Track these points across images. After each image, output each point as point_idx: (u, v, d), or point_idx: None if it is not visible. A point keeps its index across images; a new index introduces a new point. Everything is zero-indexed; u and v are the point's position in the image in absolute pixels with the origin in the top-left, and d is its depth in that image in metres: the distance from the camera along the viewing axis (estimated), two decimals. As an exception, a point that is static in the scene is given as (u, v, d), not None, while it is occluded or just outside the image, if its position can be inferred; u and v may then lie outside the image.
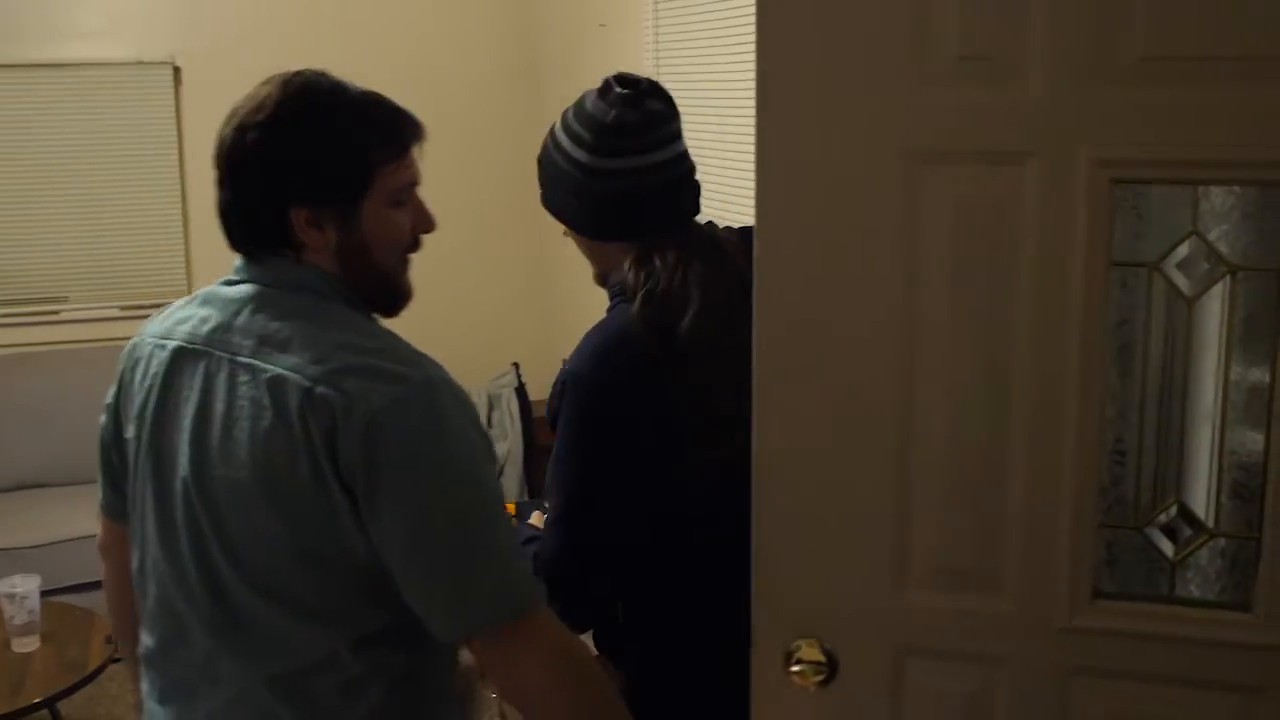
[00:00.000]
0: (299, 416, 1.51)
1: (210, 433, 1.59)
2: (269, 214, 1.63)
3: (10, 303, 5.23)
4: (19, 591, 3.53)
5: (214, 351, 1.62)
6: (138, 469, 1.70)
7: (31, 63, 5.08)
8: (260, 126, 1.61)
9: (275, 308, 1.62)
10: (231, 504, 1.58)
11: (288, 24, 5.36)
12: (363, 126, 1.67)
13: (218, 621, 1.62)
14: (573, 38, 5.05)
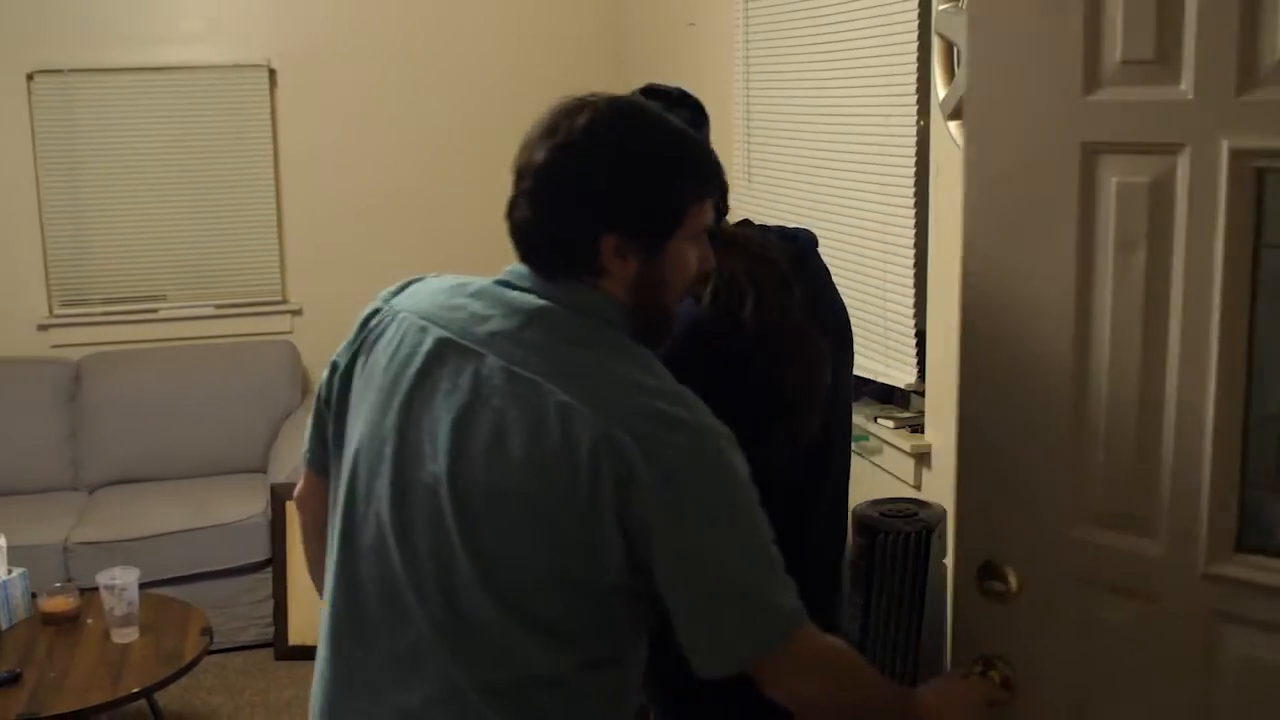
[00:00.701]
0: (591, 455, 1.51)
1: (476, 437, 1.57)
2: (579, 238, 1.61)
3: (111, 301, 5.34)
4: (118, 583, 3.59)
5: (491, 356, 1.60)
6: (367, 441, 1.67)
7: (132, 66, 5.19)
8: (587, 150, 1.61)
9: (568, 330, 1.61)
10: (489, 513, 1.57)
11: (380, 27, 5.42)
12: (683, 161, 1.65)
13: (442, 620, 1.60)
14: (662, 37, 5.04)
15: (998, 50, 1.83)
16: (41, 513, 4.65)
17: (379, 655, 1.66)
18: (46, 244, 5.25)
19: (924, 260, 3.06)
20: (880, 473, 3.26)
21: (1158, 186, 1.70)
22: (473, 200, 5.61)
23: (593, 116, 1.63)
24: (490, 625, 1.59)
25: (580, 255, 1.61)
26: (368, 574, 1.67)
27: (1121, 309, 1.75)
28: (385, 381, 1.67)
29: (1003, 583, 1.90)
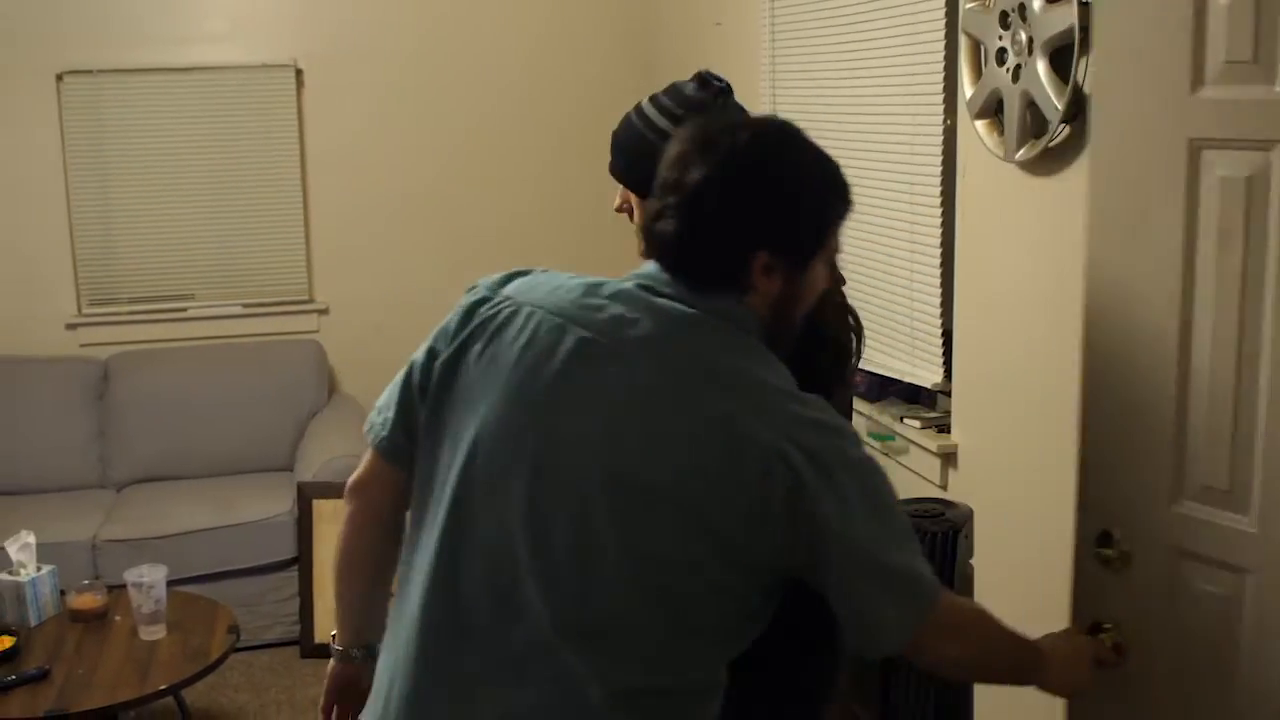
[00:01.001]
0: (760, 463, 1.54)
1: (632, 438, 1.58)
2: (732, 254, 1.65)
3: (139, 300, 5.37)
4: (146, 581, 3.61)
5: (644, 359, 1.61)
6: (492, 436, 1.65)
7: (159, 67, 5.22)
8: (749, 170, 1.64)
9: (721, 340, 1.64)
10: (647, 514, 1.58)
11: (406, 26, 5.43)
12: (834, 183, 1.72)
13: (572, 621, 1.60)
14: (689, 37, 5.04)
15: (1118, 47, 1.95)
16: (70, 510, 4.68)
17: (480, 654, 1.64)
18: (75, 244, 5.28)
19: (950, 260, 3.04)
20: (906, 473, 3.25)
21: (1254, 181, 1.79)
22: (498, 198, 5.63)
23: (753, 136, 1.68)
24: (630, 627, 1.59)
25: (731, 271, 1.65)
26: (477, 570, 1.65)
27: (1222, 297, 1.85)
28: (516, 377, 1.65)
29: (1115, 552, 2.01)
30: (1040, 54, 2.45)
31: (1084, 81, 2.37)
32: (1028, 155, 2.55)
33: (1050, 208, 2.57)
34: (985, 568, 2.42)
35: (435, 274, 5.48)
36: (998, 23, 2.59)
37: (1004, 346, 2.79)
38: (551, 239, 5.69)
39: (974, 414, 2.98)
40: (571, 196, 5.67)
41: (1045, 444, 2.64)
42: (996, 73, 2.61)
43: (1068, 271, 2.52)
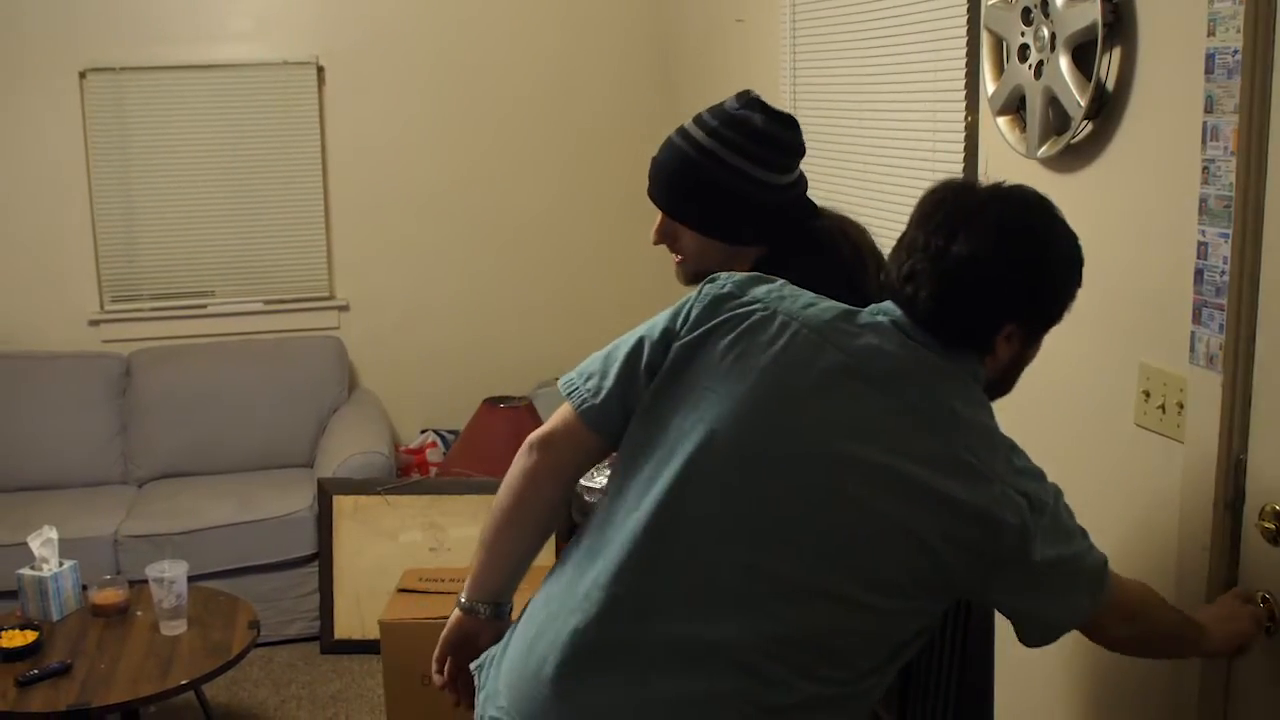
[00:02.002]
0: (991, 506, 1.66)
1: (873, 464, 1.66)
2: (985, 324, 1.76)
3: (161, 296, 5.39)
4: (167, 576, 3.62)
5: (895, 391, 1.70)
6: (732, 433, 1.70)
7: (182, 64, 5.24)
8: (1011, 246, 1.74)
9: (967, 394, 1.74)
10: (873, 535, 1.66)
11: (427, 24, 5.44)
12: (1078, 257, 1.86)
13: (770, 629, 1.66)
14: (710, 34, 5.03)
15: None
16: (92, 506, 4.70)
17: (661, 640, 1.67)
18: (98, 240, 5.30)
19: (972, 257, 3.03)
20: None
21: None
22: (518, 195, 5.63)
23: (1017, 209, 1.78)
24: (825, 643, 1.67)
25: (979, 338, 1.76)
26: (682, 560, 1.68)
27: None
28: (769, 380, 1.71)
29: (1276, 525, 2.02)
30: (1063, 50, 2.43)
31: (1107, 78, 2.36)
32: (1050, 152, 2.54)
33: (1072, 205, 2.55)
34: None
35: (456, 270, 5.49)
36: (1020, 19, 2.58)
37: (1025, 344, 2.78)
38: (571, 235, 5.70)
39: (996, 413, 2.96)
40: (591, 193, 5.67)
41: (1065, 440, 2.63)
42: (1019, 69, 2.60)
43: (1088, 268, 2.50)
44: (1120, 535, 2.45)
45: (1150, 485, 2.34)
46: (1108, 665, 2.53)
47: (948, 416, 1.69)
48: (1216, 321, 2.07)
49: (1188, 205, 2.14)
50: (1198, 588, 2.16)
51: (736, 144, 2.11)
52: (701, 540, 1.68)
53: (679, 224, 2.21)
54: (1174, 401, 2.22)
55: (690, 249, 2.22)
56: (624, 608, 1.69)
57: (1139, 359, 2.34)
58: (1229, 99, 2.02)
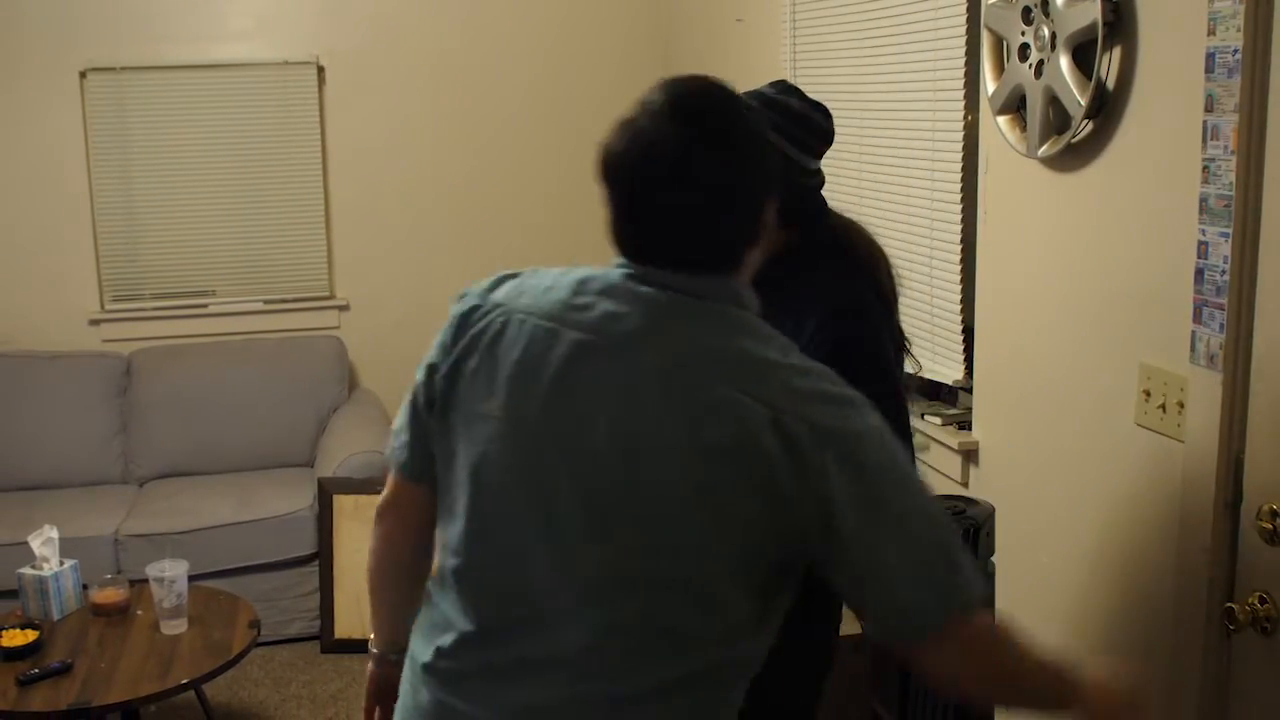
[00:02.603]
0: (764, 442, 1.51)
1: (636, 433, 1.56)
2: (752, 207, 1.64)
3: (161, 296, 5.40)
4: (168, 575, 3.62)
5: (638, 353, 1.59)
6: (498, 449, 1.65)
7: (182, 64, 5.24)
8: (764, 114, 1.74)
9: (715, 321, 1.61)
10: (659, 508, 1.56)
11: (428, 23, 5.44)
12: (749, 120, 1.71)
13: (596, 622, 1.61)
14: (709, 33, 5.03)
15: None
16: (92, 505, 4.70)
17: (510, 658, 1.66)
18: (98, 240, 5.31)
19: (971, 256, 3.03)
20: (927, 470, 3.24)
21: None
22: (519, 195, 5.63)
23: (659, 117, 1.70)
24: (655, 614, 1.59)
25: (740, 235, 1.64)
26: (495, 582, 1.67)
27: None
28: (515, 388, 1.64)
29: (1275, 526, 2.01)
30: (1063, 49, 2.43)
31: (1107, 77, 2.36)
32: (1050, 151, 2.54)
33: (1072, 204, 2.56)
34: (1006, 565, 2.42)
35: (456, 269, 5.49)
36: (1020, 18, 2.58)
37: (1025, 343, 2.78)
38: (571, 235, 5.69)
39: (995, 411, 2.97)
40: (592, 194, 5.64)
41: (1066, 440, 2.63)
42: (1019, 68, 2.60)
43: (1089, 268, 2.51)
44: (1120, 535, 2.46)
45: (1150, 485, 2.34)
46: (1105, 651, 2.53)
47: (702, 357, 1.57)
48: (1217, 321, 2.07)
49: (1188, 204, 2.14)
50: (1197, 587, 2.17)
51: (773, 121, 2.12)
52: (513, 569, 1.64)
53: None
54: (1174, 401, 2.23)
55: None
56: (469, 643, 1.69)
57: (1139, 358, 2.34)
58: (1229, 98, 2.02)
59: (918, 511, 1.58)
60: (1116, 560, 2.48)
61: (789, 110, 2.14)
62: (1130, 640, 2.45)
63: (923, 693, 2.21)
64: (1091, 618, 2.58)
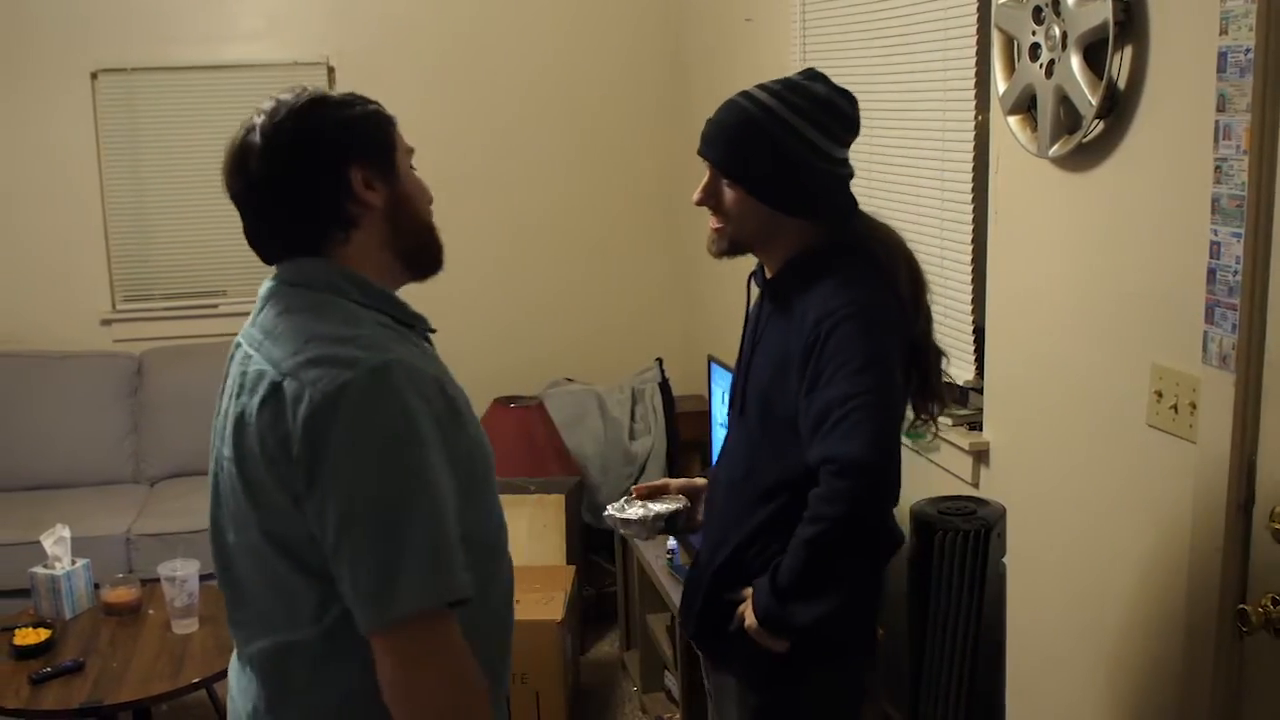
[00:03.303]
0: (260, 406, 1.59)
1: (227, 419, 1.69)
2: (330, 186, 1.74)
3: (172, 296, 5.41)
4: (179, 575, 3.63)
5: (241, 345, 1.74)
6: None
7: (193, 65, 5.25)
8: (293, 116, 1.83)
9: (285, 303, 1.72)
10: (225, 483, 1.70)
11: (437, 24, 5.44)
12: (363, 99, 1.92)
13: (226, 589, 1.80)
14: (718, 32, 5.03)
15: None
16: (104, 505, 4.71)
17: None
18: (110, 240, 5.32)
19: (982, 256, 3.03)
20: (937, 470, 3.24)
21: None
22: (528, 195, 5.64)
23: (271, 107, 1.87)
24: (250, 591, 1.75)
25: (331, 208, 1.73)
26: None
27: None
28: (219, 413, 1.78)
29: None
30: (1074, 49, 2.43)
31: (1118, 77, 2.36)
32: (1061, 151, 2.53)
33: (1083, 204, 2.55)
34: (1018, 567, 2.42)
35: (465, 269, 5.49)
36: (1031, 18, 2.58)
37: (1036, 343, 2.77)
38: (581, 234, 5.70)
39: (1006, 411, 2.96)
40: (601, 192, 5.68)
41: (1077, 441, 2.63)
42: (1029, 68, 2.60)
43: (1100, 268, 2.50)
44: (1132, 537, 2.45)
45: (1162, 486, 2.33)
46: (1119, 668, 2.53)
47: (259, 338, 1.69)
48: (1229, 321, 2.07)
49: (1200, 204, 2.13)
50: (1210, 589, 2.16)
51: (798, 105, 2.12)
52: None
53: (727, 182, 2.18)
54: (1186, 402, 2.22)
55: (733, 211, 2.18)
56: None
57: (1151, 359, 2.33)
58: (1241, 97, 2.01)
59: (383, 494, 1.54)
60: (1128, 562, 2.47)
61: (815, 95, 2.14)
62: (1142, 642, 2.44)
63: (932, 693, 2.21)
64: (1103, 620, 2.57)
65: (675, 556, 3.87)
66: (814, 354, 2.03)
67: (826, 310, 2.04)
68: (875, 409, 1.96)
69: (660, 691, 4.21)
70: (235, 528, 1.70)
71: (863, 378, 1.97)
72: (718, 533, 2.27)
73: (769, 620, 2.08)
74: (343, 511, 1.53)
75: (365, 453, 1.54)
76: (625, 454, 5.02)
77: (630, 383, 5.29)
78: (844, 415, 1.96)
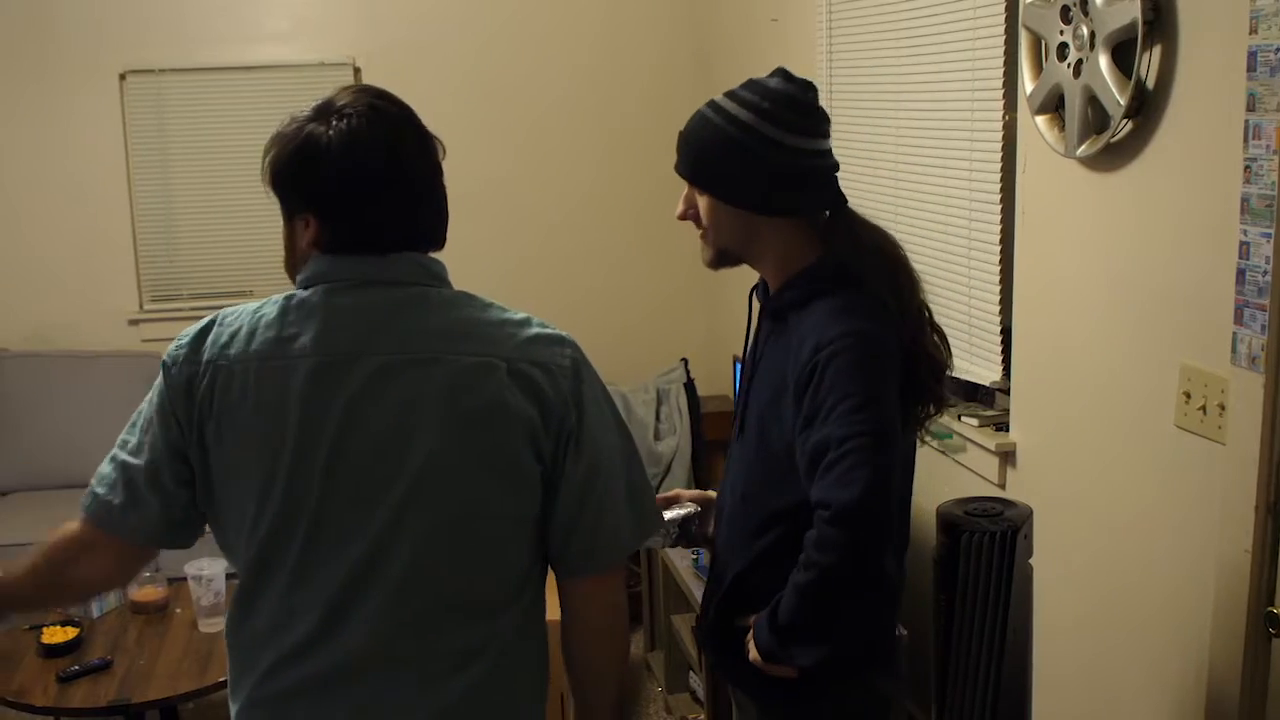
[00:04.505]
0: (505, 392, 1.70)
1: (383, 432, 1.72)
2: (441, 204, 1.90)
3: (200, 296, 5.43)
4: (205, 574, 3.64)
5: (371, 356, 1.74)
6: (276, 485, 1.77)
7: (221, 66, 5.28)
8: (414, 133, 1.92)
9: (441, 300, 1.83)
10: (433, 485, 1.71)
11: (464, 24, 5.45)
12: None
13: (380, 608, 1.71)
14: (744, 33, 5.03)
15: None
16: (132, 504, 4.73)
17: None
18: (138, 240, 5.35)
19: (1010, 256, 3.02)
20: (964, 471, 3.23)
21: None
22: (553, 194, 5.64)
23: (395, 112, 2.00)
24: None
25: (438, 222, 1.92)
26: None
27: None
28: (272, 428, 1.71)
29: None
30: (1102, 49, 2.42)
31: (1147, 76, 2.34)
32: (1089, 151, 2.52)
33: (1112, 204, 2.54)
34: (1044, 568, 2.40)
35: (490, 268, 5.48)
36: (1059, 17, 2.56)
37: (1063, 344, 2.76)
38: (606, 233, 5.70)
39: (1033, 412, 2.95)
40: (626, 192, 5.68)
41: (1105, 442, 2.61)
42: (1057, 68, 2.58)
43: (1128, 268, 2.49)
44: (1160, 538, 2.44)
45: (1191, 487, 2.32)
46: (1146, 670, 2.51)
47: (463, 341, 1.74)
48: (1259, 322, 2.05)
49: (1229, 204, 2.12)
50: (1239, 591, 2.15)
51: (748, 100, 2.07)
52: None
53: (698, 191, 2.16)
54: (1215, 403, 2.21)
55: (709, 219, 2.15)
56: None
57: (1180, 360, 2.32)
58: (1271, 97, 2.00)
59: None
60: (1156, 564, 2.46)
61: (764, 87, 2.08)
62: (1170, 644, 2.43)
63: (959, 685, 2.20)
64: (1130, 622, 2.56)
65: (700, 558, 3.87)
66: (810, 387, 1.97)
67: (824, 339, 1.98)
68: (871, 452, 1.90)
69: (685, 692, 4.21)
70: (459, 530, 1.68)
71: (859, 417, 1.91)
72: (724, 554, 2.24)
73: (772, 658, 2.06)
74: (593, 463, 1.73)
75: (606, 411, 1.77)
76: (650, 455, 5.02)
77: (655, 383, 5.28)
78: (840, 457, 1.90)
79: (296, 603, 1.70)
